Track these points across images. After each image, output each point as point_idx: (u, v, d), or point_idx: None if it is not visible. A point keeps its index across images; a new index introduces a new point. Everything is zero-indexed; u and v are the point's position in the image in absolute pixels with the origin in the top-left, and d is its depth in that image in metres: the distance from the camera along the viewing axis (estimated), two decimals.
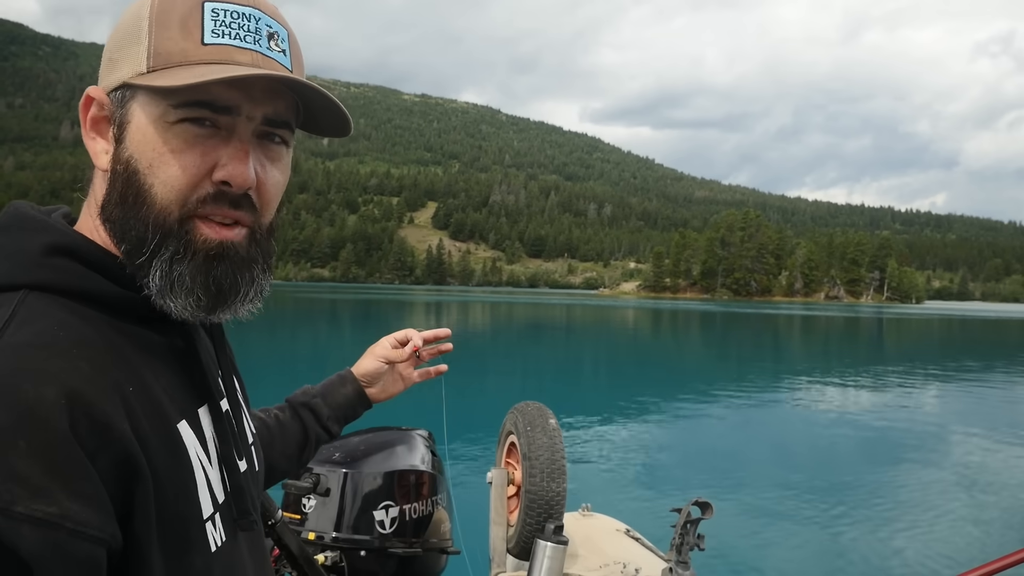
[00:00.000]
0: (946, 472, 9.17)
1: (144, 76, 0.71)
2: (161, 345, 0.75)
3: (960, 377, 20.19)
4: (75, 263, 0.71)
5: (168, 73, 0.71)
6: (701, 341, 37.25)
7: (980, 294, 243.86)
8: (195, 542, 0.72)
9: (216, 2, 0.73)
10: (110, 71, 0.75)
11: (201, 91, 0.70)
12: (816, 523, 6.92)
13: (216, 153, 0.73)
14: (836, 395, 16.40)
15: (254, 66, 0.73)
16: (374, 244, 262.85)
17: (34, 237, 0.72)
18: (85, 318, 0.69)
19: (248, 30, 0.74)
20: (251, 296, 0.79)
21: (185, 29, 0.72)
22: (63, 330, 0.66)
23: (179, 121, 0.72)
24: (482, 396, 14.49)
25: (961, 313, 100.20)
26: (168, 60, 0.71)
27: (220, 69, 0.70)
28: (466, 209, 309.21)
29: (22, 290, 0.68)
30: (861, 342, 38.72)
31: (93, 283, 0.71)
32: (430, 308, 62.78)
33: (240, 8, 0.74)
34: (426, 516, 1.98)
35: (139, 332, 0.73)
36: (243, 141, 0.74)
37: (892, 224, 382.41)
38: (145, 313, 0.74)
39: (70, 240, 0.72)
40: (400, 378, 1.36)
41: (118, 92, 0.74)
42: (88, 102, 0.75)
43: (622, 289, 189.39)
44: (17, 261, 0.70)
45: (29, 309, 0.67)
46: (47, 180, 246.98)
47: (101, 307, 0.71)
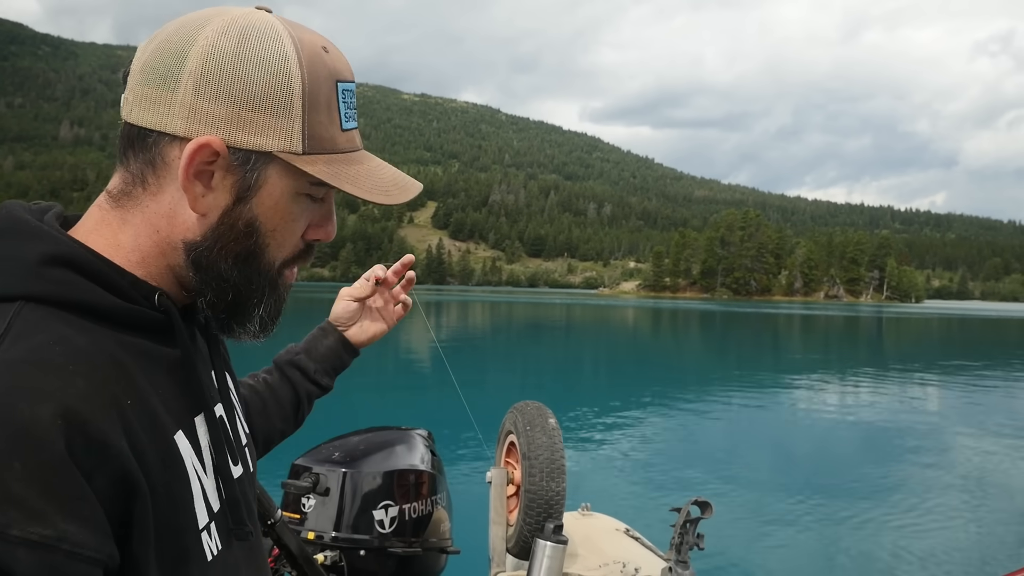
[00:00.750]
0: (949, 474, 9.17)
1: (302, 159, 0.75)
2: (159, 355, 0.76)
3: (961, 376, 20.19)
4: (73, 274, 0.70)
5: (324, 161, 0.76)
6: (701, 340, 37.26)
7: (979, 293, 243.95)
8: (191, 552, 0.73)
9: (343, 81, 0.79)
10: (238, 128, 0.73)
11: None
12: (816, 523, 6.92)
13: (312, 215, 0.82)
14: (836, 395, 16.41)
15: (360, 147, 0.82)
16: (374, 244, 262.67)
17: (30, 245, 0.70)
18: (83, 330, 0.69)
19: (354, 107, 0.81)
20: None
21: (330, 113, 0.77)
22: (59, 345, 0.66)
23: (304, 194, 0.78)
24: (482, 396, 14.48)
25: (960, 312, 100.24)
26: (321, 146, 0.76)
27: (373, 173, 0.81)
28: (466, 209, 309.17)
29: (18, 301, 0.67)
30: (861, 341, 38.74)
31: (91, 295, 0.71)
32: (429, 307, 62.75)
33: (351, 86, 0.80)
34: (426, 516, 1.98)
35: (138, 343, 0.73)
36: (332, 205, 0.84)
37: (892, 223, 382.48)
38: (144, 324, 0.74)
39: (68, 249, 0.71)
40: (380, 316, 1.38)
41: (250, 154, 0.74)
42: (202, 149, 0.72)
43: (622, 289, 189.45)
44: (12, 271, 0.69)
45: (25, 322, 0.66)
46: (47, 179, 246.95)
47: (99, 319, 0.71)
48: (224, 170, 0.74)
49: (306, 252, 0.84)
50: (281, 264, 0.81)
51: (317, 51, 0.76)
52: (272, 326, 0.85)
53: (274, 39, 0.74)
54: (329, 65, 0.77)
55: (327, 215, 0.83)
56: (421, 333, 26.21)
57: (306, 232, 0.81)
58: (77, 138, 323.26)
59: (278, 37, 0.74)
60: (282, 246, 0.80)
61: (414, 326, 38.35)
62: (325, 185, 0.78)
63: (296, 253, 0.82)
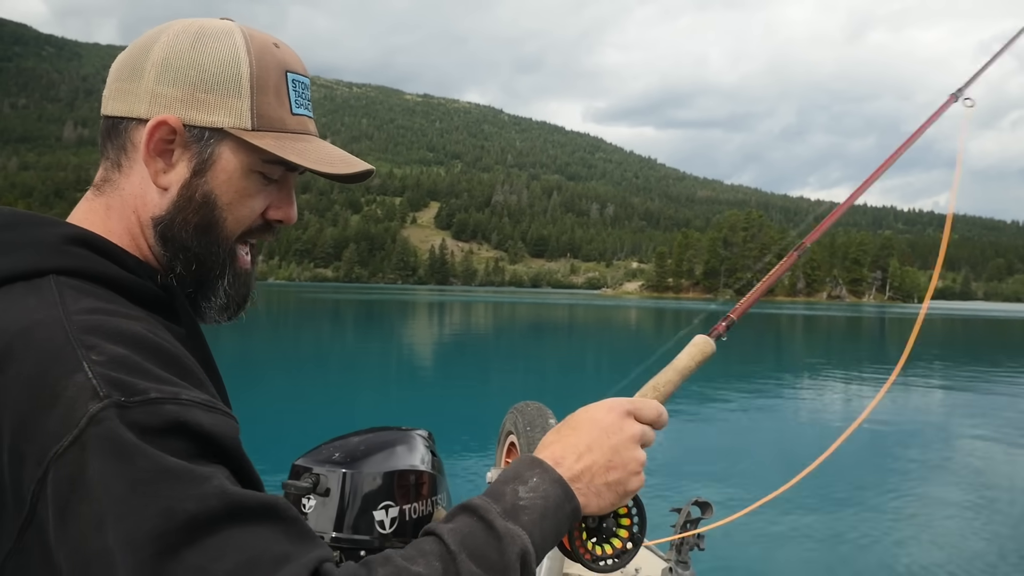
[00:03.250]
0: (954, 477, 9.14)
1: (251, 134, 0.82)
2: (172, 330, 0.80)
3: (966, 377, 20.13)
4: (92, 252, 0.77)
5: (272, 137, 0.83)
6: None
7: (983, 294, 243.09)
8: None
9: (293, 73, 0.86)
10: (193, 107, 0.81)
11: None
12: (816, 523, 6.91)
13: (271, 195, 0.87)
14: (836, 395, 16.37)
15: (313, 134, 0.88)
16: (377, 244, 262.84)
17: (49, 229, 0.78)
18: (113, 299, 0.75)
19: (307, 98, 0.88)
20: (252, 301, 0.92)
21: (279, 97, 0.84)
22: (107, 301, 0.74)
23: (257, 171, 0.85)
24: (482, 396, 14.50)
25: (963, 313, 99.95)
26: (270, 124, 0.83)
27: (320, 149, 0.86)
28: (468, 209, 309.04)
29: (50, 275, 0.73)
30: (863, 341, 38.65)
31: (112, 270, 0.78)
32: (433, 308, 62.78)
33: (303, 79, 0.88)
34: (426, 516, 1.86)
35: (155, 317, 0.79)
36: (291, 187, 0.90)
37: (895, 224, 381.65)
38: (152, 301, 0.81)
39: (84, 232, 0.79)
40: None
41: (204, 131, 0.82)
42: (160, 126, 0.81)
43: (625, 289, 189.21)
44: (39, 250, 0.75)
45: (69, 287, 0.73)
46: (51, 180, 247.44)
47: (120, 292, 0.77)
48: (183, 147, 0.82)
49: (265, 227, 0.89)
50: (238, 237, 0.86)
51: (267, 45, 0.85)
52: (239, 309, 0.90)
53: (227, 34, 0.84)
54: (279, 57, 0.85)
55: (286, 198, 0.88)
56: (421, 333, 26.18)
57: (267, 212, 0.87)
58: (81, 139, 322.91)
59: (230, 33, 0.84)
60: (239, 221, 0.85)
61: (414, 326, 38.32)
62: (277, 163, 0.84)
63: (254, 227, 0.87)
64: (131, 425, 0.62)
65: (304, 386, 15.55)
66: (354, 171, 0.88)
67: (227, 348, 20.85)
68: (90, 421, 0.61)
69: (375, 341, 29.77)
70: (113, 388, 0.63)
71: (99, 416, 0.61)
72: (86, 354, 0.65)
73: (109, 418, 0.61)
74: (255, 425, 8.75)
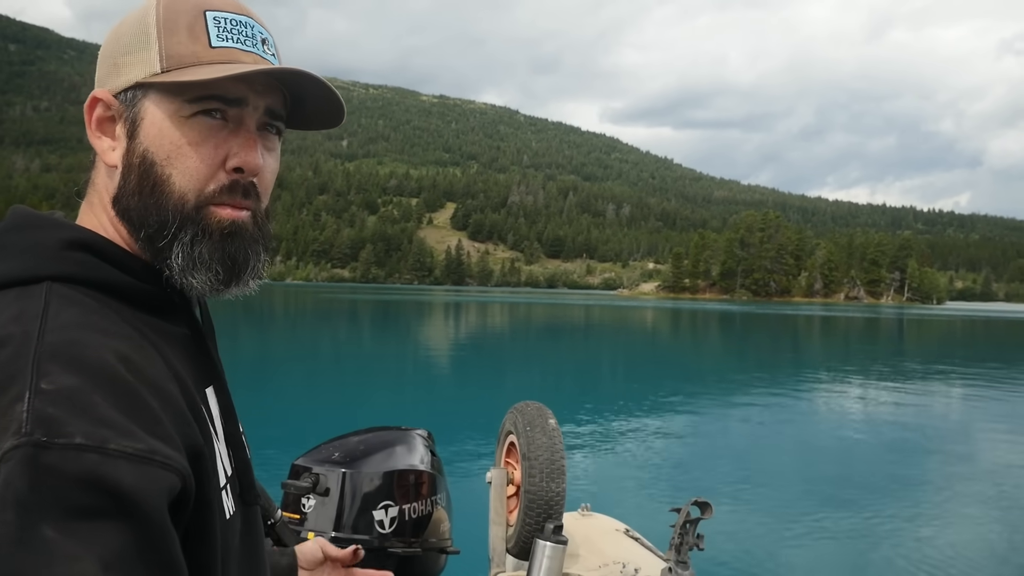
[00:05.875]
0: (969, 480, 9.03)
1: (159, 76, 0.78)
2: (172, 332, 0.81)
3: (984, 379, 19.92)
4: (92, 256, 0.77)
5: (183, 72, 0.78)
6: (718, 342, 37.03)
7: (1004, 295, 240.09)
8: (214, 506, 0.75)
9: (216, 11, 0.81)
10: (115, 75, 0.81)
11: (214, 86, 0.78)
12: (816, 524, 6.86)
13: (227, 144, 0.81)
14: (839, 396, 16.23)
15: (256, 65, 0.81)
16: (393, 245, 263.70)
17: (50, 232, 0.77)
18: (107, 306, 0.74)
19: (246, 35, 0.83)
20: (259, 270, 0.86)
21: (193, 34, 0.80)
22: (95, 314, 0.72)
23: (193, 115, 0.79)
24: (482, 396, 14.51)
25: (984, 314, 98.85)
26: (181, 61, 0.79)
27: (232, 67, 0.78)
28: (484, 210, 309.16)
29: (45, 282, 0.73)
30: (881, 343, 38.30)
31: (110, 274, 0.77)
32: (445, 309, 62.88)
33: (236, 16, 0.83)
34: (425, 516, 1.99)
35: (153, 321, 0.79)
36: (251, 131, 0.82)
37: (914, 224, 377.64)
38: (157, 304, 0.80)
39: (85, 235, 0.78)
40: None
41: (127, 93, 0.80)
42: (94, 103, 0.82)
43: (641, 290, 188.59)
44: (36, 255, 0.75)
45: (59, 297, 0.71)
46: (72, 182, 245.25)
47: (118, 297, 0.76)
48: (120, 119, 0.81)
49: (232, 188, 0.82)
50: (198, 197, 0.80)
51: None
52: (234, 272, 0.83)
53: (147, 2, 0.82)
54: (195, 1, 0.81)
55: (244, 142, 0.82)
56: (428, 333, 26.22)
57: (227, 161, 0.82)
58: None
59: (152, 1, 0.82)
60: (190, 175, 0.80)
61: (422, 326, 38.41)
62: (202, 98, 0.79)
63: (218, 187, 0.81)
64: (41, 468, 0.58)
65: (304, 386, 15.56)
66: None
67: (234, 346, 21.06)
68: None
69: (381, 341, 29.84)
70: (38, 425, 0.60)
71: (8, 455, 0.59)
72: (36, 383, 0.63)
73: (15, 459, 0.59)
74: (255, 425, 8.91)
